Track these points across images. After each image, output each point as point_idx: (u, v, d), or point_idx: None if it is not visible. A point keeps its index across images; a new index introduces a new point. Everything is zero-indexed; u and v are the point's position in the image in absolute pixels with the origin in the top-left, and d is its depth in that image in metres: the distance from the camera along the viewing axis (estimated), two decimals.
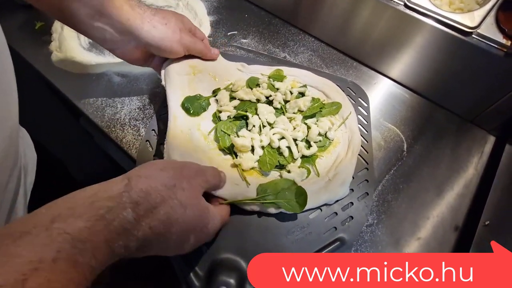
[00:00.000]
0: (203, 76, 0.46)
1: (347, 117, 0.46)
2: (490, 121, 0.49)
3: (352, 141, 0.44)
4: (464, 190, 0.45)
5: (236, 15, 0.64)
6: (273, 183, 0.37)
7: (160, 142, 0.42)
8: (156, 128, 0.44)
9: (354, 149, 0.43)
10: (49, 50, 0.53)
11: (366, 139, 0.46)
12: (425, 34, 0.47)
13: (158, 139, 0.43)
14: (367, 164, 0.43)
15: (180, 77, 0.44)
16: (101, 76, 0.51)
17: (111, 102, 0.48)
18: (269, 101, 0.46)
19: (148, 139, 0.43)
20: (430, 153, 0.48)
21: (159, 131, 0.44)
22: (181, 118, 0.41)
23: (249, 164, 0.39)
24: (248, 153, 0.40)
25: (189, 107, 0.42)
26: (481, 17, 0.43)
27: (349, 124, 0.46)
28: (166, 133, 0.40)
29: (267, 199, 0.36)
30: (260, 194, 0.37)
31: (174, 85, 0.43)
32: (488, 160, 0.48)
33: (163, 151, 0.39)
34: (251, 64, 0.51)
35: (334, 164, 0.42)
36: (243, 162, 0.39)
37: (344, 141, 0.44)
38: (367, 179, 0.42)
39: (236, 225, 0.37)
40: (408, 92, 0.55)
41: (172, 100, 0.42)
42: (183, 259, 0.34)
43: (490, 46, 0.42)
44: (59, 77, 0.50)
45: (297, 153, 0.41)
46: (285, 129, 0.42)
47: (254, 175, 0.40)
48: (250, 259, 0.34)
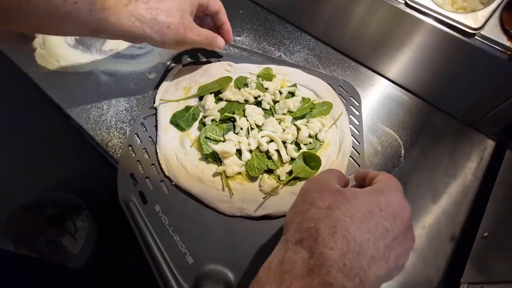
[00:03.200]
0: (193, 89, 0.46)
1: (338, 117, 0.45)
2: (490, 125, 0.48)
3: (344, 142, 0.43)
4: (462, 197, 0.43)
5: (230, 11, 0.61)
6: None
7: (143, 147, 0.41)
8: (139, 132, 0.42)
9: (345, 151, 0.42)
10: (33, 46, 0.50)
11: (358, 140, 0.44)
12: (425, 34, 0.45)
13: (141, 144, 0.41)
14: (359, 166, 0.42)
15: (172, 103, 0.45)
16: (87, 75, 0.49)
17: (97, 103, 0.46)
18: (257, 102, 0.45)
19: (130, 144, 0.41)
20: (428, 158, 0.46)
21: (143, 135, 0.42)
22: (172, 128, 0.42)
23: (234, 169, 0.37)
24: (233, 157, 0.38)
25: (178, 123, 0.42)
26: (485, 17, 0.41)
27: (340, 124, 0.45)
28: (157, 141, 0.40)
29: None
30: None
31: (166, 107, 0.44)
32: (488, 166, 0.46)
33: (158, 157, 0.39)
34: (239, 62, 0.50)
35: (325, 167, 0.40)
36: (227, 169, 0.37)
37: (335, 143, 0.43)
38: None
39: (223, 232, 0.35)
40: (406, 94, 0.53)
41: (163, 117, 0.43)
42: (167, 269, 0.32)
43: (493, 49, 0.40)
44: (42, 76, 0.48)
45: (286, 156, 0.39)
46: (274, 131, 0.41)
47: (239, 180, 0.38)
48: (237, 270, 0.33)
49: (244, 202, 0.36)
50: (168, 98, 0.45)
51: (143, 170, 0.39)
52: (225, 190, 0.37)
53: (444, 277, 0.37)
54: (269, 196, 0.37)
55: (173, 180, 0.38)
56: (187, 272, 0.32)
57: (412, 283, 0.36)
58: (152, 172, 0.39)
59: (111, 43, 0.53)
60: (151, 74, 0.50)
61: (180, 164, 0.39)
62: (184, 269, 0.32)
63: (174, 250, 0.34)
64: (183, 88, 0.46)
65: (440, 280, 0.37)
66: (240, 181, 0.38)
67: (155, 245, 0.34)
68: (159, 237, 0.34)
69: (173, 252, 0.33)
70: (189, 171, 0.38)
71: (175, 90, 0.46)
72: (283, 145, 0.40)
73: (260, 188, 0.38)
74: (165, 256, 0.33)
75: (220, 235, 0.35)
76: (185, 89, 0.46)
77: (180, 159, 0.39)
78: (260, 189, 0.38)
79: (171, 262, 0.33)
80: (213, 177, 0.38)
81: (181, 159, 0.39)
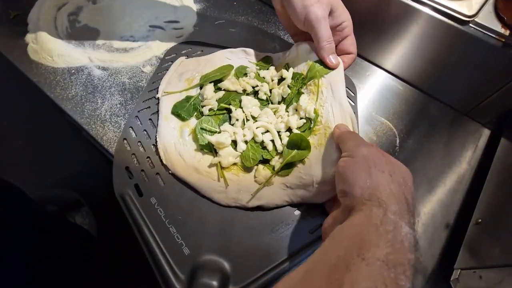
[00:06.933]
0: (196, 80, 0.46)
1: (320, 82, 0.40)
2: (485, 114, 0.48)
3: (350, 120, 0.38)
4: (457, 185, 0.43)
5: (224, 2, 0.60)
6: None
7: (138, 140, 0.41)
8: (134, 125, 0.42)
9: (353, 122, 0.38)
10: (25, 41, 0.50)
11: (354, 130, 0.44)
12: (420, 23, 0.44)
13: (136, 137, 0.41)
14: None
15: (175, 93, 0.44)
16: (80, 69, 0.49)
17: (91, 97, 0.46)
18: (255, 92, 0.44)
19: (125, 137, 0.41)
20: (423, 147, 0.46)
21: (137, 128, 0.42)
22: (173, 119, 0.42)
23: (229, 160, 0.38)
24: (228, 148, 0.39)
25: (179, 113, 0.42)
26: (479, 4, 0.41)
27: (337, 92, 0.40)
28: (157, 130, 0.41)
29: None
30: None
31: (168, 98, 0.44)
32: (482, 154, 0.46)
33: (157, 146, 0.39)
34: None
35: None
36: (222, 160, 0.37)
37: (336, 117, 0.38)
38: None
39: (218, 223, 0.36)
40: (402, 84, 0.53)
41: (164, 108, 0.43)
42: (164, 260, 0.33)
43: (487, 36, 0.40)
44: (35, 70, 0.47)
45: (280, 145, 0.39)
46: (269, 122, 0.40)
47: (235, 171, 0.38)
48: (233, 260, 0.33)
49: (239, 192, 0.37)
50: (171, 89, 0.44)
51: (138, 163, 0.39)
52: (221, 180, 0.37)
53: (438, 264, 0.37)
54: (263, 186, 0.37)
55: (170, 169, 0.38)
56: (184, 262, 0.33)
57: None
58: (147, 165, 0.39)
59: (104, 37, 0.52)
60: (145, 67, 0.50)
61: (178, 153, 0.39)
62: (181, 260, 0.33)
63: (170, 241, 0.34)
64: (186, 80, 0.46)
65: (434, 267, 0.37)
66: (236, 172, 0.38)
67: (151, 237, 0.34)
68: (155, 229, 0.34)
69: (169, 244, 0.34)
70: (186, 161, 0.38)
71: (178, 81, 0.46)
72: (279, 134, 0.40)
73: (255, 179, 0.38)
74: (162, 248, 0.33)
75: (215, 226, 0.35)
76: (188, 80, 0.46)
77: (178, 149, 0.39)
78: (255, 180, 0.38)
79: (167, 253, 0.33)
80: (209, 167, 0.38)
81: (179, 149, 0.39)
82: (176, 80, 0.46)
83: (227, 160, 0.37)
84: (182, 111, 0.42)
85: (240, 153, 0.38)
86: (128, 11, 0.56)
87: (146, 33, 0.54)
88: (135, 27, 0.54)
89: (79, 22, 0.54)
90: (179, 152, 0.39)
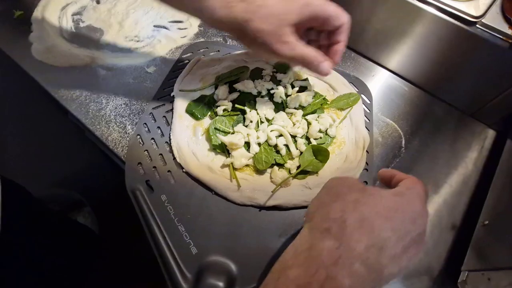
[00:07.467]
0: (211, 80, 0.46)
1: (348, 111, 0.44)
2: (491, 115, 0.48)
3: (359, 139, 0.42)
4: (463, 187, 0.43)
5: None
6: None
7: (152, 137, 0.41)
8: (148, 122, 0.42)
9: (364, 145, 0.42)
10: (29, 41, 0.50)
11: (368, 128, 0.44)
12: (426, 23, 0.44)
13: (149, 134, 0.41)
14: (367, 164, 0.41)
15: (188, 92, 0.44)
16: (84, 69, 0.49)
17: (95, 97, 0.46)
18: (270, 95, 0.44)
19: (139, 133, 0.41)
20: (428, 148, 0.46)
21: (151, 125, 0.42)
22: (187, 117, 0.42)
23: (242, 162, 0.38)
24: (241, 149, 0.39)
25: (193, 112, 0.42)
26: (486, 5, 0.40)
27: (356, 121, 0.44)
28: (171, 128, 0.41)
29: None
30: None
31: (183, 97, 0.44)
32: (488, 155, 0.46)
33: (171, 144, 0.40)
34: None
35: (343, 165, 0.40)
36: (234, 161, 0.37)
37: (350, 141, 0.42)
38: (366, 181, 0.40)
39: (227, 224, 0.36)
40: (407, 85, 0.52)
41: (179, 106, 0.43)
42: (172, 260, 0.32)
43: (494, 37, 0.40)
44: (39, 70, 0.47)
45: (295, 151, 0.39)
46: (284, 126, 0.41)
47: (248, 172, 0.38)
48: (239, 262, 0.33)
49: (254, 192, 0.37)
50: (186, 88, 0.45)
51: (150, 160, 0.39)
52: (233, 181, 0.37)
53: (445, 265, 0.37)
54: (279, 187, 0.37)
55: (184, 167, 0.38)
56: (191, 262, 0.33)
57: (413, 272, 0.37)
58: (160, 162, 0.39)
59: (108, 37, 0.52)
60: (150, 67, 0.49)
61: (191, 152, 0.39)
62: (188, 259, 0.33)
63: (179, 239, 0.34)
64: (202, 79, 0.46)
65: (441, 269, 0.37)
66: (249, 173, 0.39)
67: (160, 234, 0.34)
68: (164, 226, 0.34)
69: (178, 242, 0.34)
70: (199, 160, 0.39)
71: (193, 80, 0.46)
72: (293, 139, 0.40)
73: (272, 180, 0.38)
74: (170, 245, 0.33)
75: (224, 227, 0.35)
76: (203, 79, 0.46)
77: (191, 148, 0.39)
78: (272, 180, 0.38)
79: (175, 251, 0.33)
80: (221, 168, 0.38)
81: (192, 147, 0.39)
82: (191, 79, 0.46)
83: (240, 161, 0.37)
84: (196, 110, 0.42)
85: (253, 155, 0.38)
86: (132, 11, 0.56)
87: (151, 33, 0.54)
88: (140, 27, 0.54)
89: (83, 22, 0.54)
90: (192, 150, 0.39)
